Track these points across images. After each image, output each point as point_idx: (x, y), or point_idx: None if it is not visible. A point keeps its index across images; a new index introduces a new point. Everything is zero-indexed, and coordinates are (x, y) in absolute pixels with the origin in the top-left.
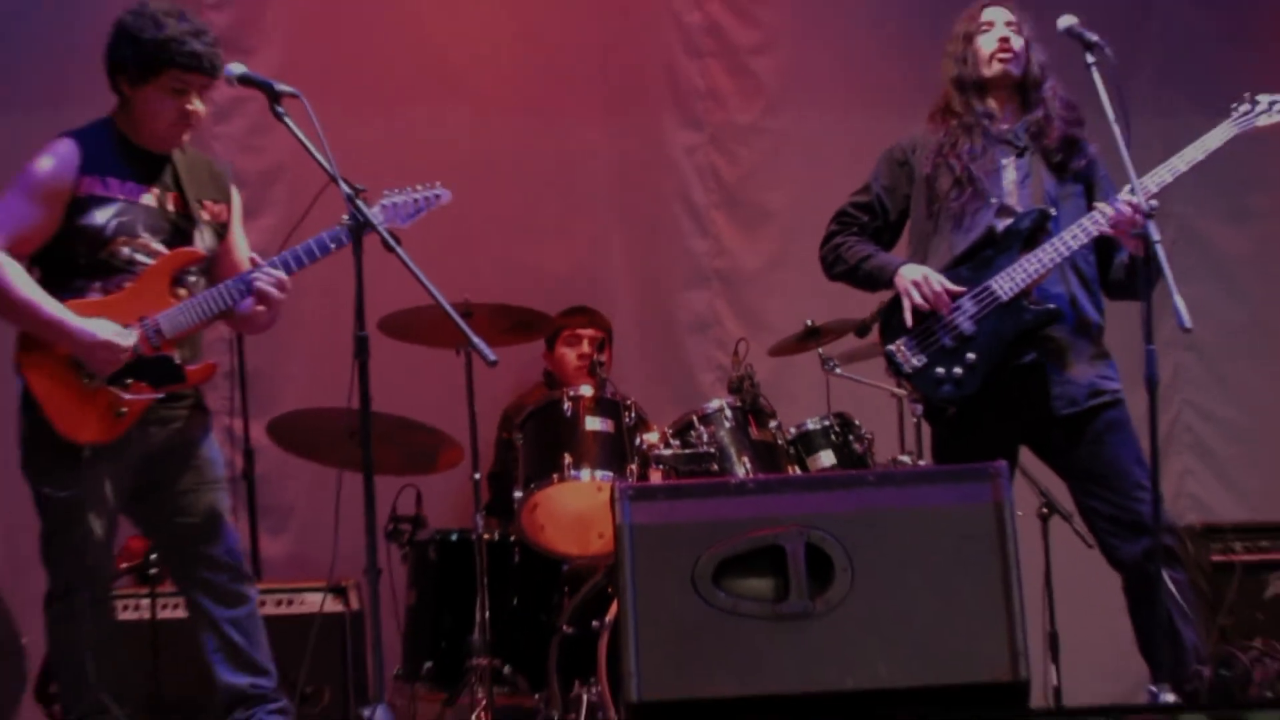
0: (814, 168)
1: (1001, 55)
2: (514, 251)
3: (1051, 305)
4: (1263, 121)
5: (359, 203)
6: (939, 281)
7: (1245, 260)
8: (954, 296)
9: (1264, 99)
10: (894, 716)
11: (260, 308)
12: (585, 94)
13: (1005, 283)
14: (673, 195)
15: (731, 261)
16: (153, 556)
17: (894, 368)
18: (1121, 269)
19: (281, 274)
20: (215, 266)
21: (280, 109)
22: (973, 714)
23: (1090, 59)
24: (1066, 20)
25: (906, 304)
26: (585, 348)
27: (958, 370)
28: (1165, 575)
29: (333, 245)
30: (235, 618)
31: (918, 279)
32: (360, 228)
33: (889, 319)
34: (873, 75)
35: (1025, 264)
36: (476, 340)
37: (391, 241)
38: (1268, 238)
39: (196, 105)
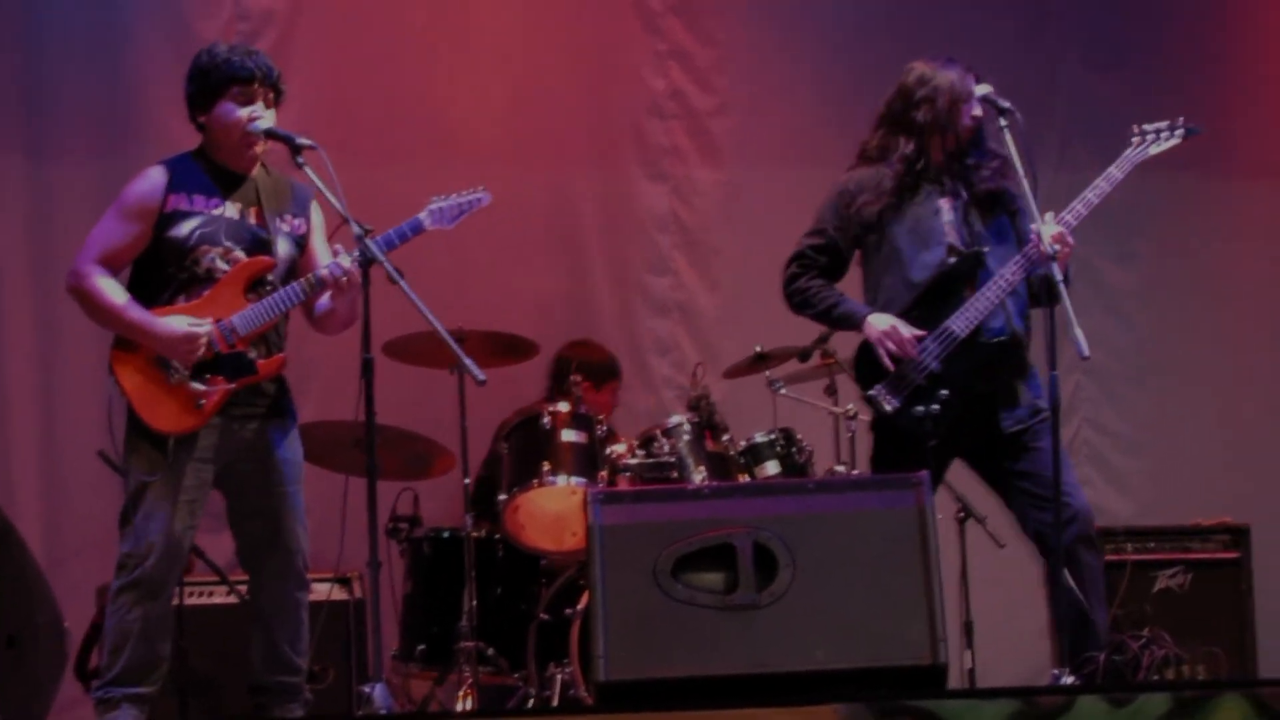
0: (761, 215)
1: (970, 130)
2: (503, 284)
3: (1004, 337)
4: (1154, 150)
5: (366, 241)
6: (905, 328)
7: (1132, 295)
8: (918, 340)
9: (1149, 129)
10: (829, 695)
11: (333, 304)
12: (567, 148)
13: (960, 322)
14: (640, 236)
15: (690, 295)
16: None
17: (876, 409)
18: (1039, 282)
19: (349, 266)
20: (299, 275)
21: (301, 159)
22: (898, 693)
23: (1003, 122)
24: (983, 88)
25: (882, 352)
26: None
27: (935, 406)
28: (1086, 559)
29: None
30: (284, 621)
31: (887, 329)
32: (368, 262)
33: (864, 365)
34: (813, 136)
35: (975, 302)
36: (468, 361)
37: (395, 274)
38: (1151, 276)
39: (261, 112)
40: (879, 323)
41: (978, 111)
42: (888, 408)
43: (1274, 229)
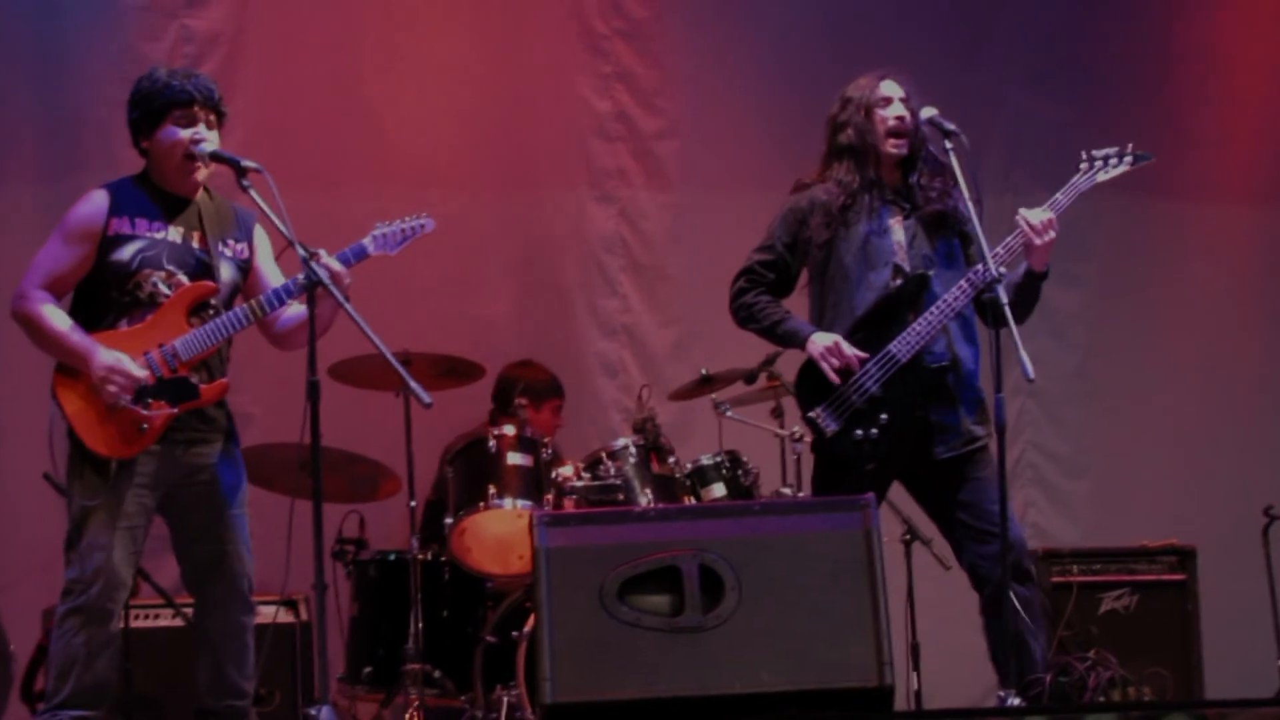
0: (708, 238)
1: (896, 140)
2: (449, 307)
3: (944, 361)
4: (1101, 177)
5: (312, 264)
6: (849, 348)
7: (1076, 318)
8: (860, 362)
9: (1098, 155)
10: (776, 717)
11: (303, 322)
12: (513, 170)
13: (902, 346)
14: (587, 259)
15: (636, 318)
16: None
17: (816, 431)
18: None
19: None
20: (245, 299)
21: (246, 182)
22: (844, 716)
23: (948, 145)
24: (928, 111)
25: (825, 367)
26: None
27: (874, 431)
28: (1019, 592)
29: (285, 296)
30: (230, 644)
31: (830, 345)
32: (313, 285)
33: (805, 386)
34: (759, 159)
35: (918, 326)
36: (414, 384)
37: (340, 298)
38: (1094, 299)
39: (204, 134)
40: (822, 340)
41: (896, 112)
42: (827, 430)
43: (1217, 252)
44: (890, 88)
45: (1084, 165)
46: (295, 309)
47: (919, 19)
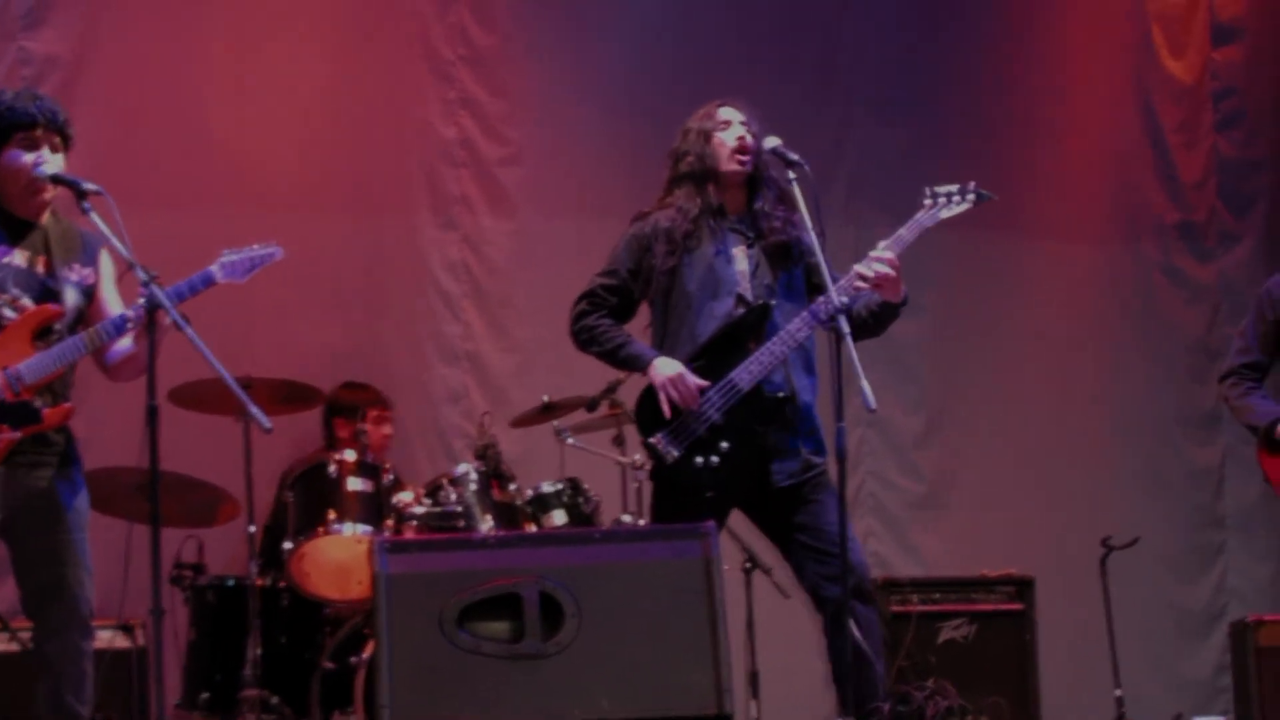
0: (550, 264)
1: (740, 155)
2: (290, 331)
3: (782, 392)
4: (945, 214)
5: (153, 287)
6: (691, 378)
7: (917, 348)
8: (701, 391)
9: (941, 192)
10: None
11: (136, 346)
12: (358, 195)
13: (745, 375)
14: (429, 285)
15: (479, 344)
16: None
17: (656, 458)
18: (866, 313)
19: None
20: (88, 324)
21: (86, 204)
22: None
23: (792, 175)
24: (771, 141)
25: (663, 398)
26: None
27: (714, 459)
28: (861, 612)
29: (124, 324)
30: (68, 669)
31: (672, 376)
32: (154, 308)
33: (646, 411)
34: (602, 188)
35: (760, 356)
36: (254, 409)
37: (181, 321)
38: (934, 329)
39: (47, 157)
40: (665, 368)
41: (737, 133)
42: (667, 458)
43: (1055, 284)
44: (728, 112)
45: (927, 201)
46: (124, 343)
47: (765, 52)
